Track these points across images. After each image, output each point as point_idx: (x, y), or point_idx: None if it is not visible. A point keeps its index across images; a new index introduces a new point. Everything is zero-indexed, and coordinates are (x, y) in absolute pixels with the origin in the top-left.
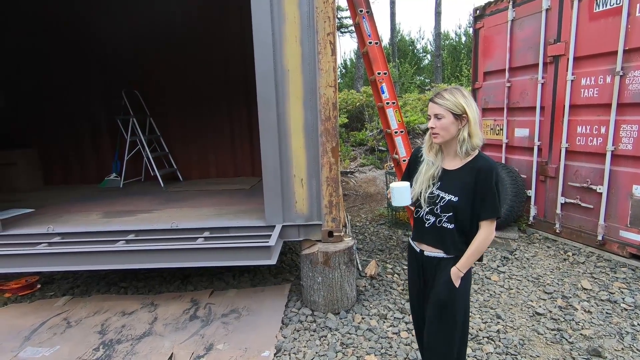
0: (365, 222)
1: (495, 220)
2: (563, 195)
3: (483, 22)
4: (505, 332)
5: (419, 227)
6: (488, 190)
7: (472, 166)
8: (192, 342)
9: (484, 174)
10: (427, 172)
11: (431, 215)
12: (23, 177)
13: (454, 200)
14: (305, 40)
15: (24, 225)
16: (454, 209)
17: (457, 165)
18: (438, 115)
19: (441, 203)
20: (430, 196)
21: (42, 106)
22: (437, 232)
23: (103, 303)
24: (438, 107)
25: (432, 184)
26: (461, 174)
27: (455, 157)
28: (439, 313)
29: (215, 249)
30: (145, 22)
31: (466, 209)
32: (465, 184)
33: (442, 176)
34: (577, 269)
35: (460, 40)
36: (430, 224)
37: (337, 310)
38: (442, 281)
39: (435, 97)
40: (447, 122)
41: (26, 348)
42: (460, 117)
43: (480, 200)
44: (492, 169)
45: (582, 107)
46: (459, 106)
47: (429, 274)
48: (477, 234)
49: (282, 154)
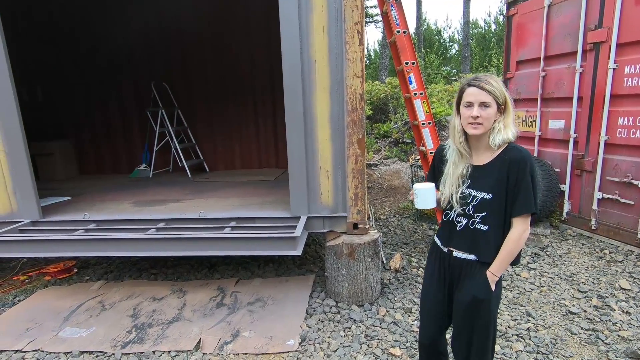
0: (389, 215)
1: (529, 216)
2: (600, 190)
3: (517, 9)
4: (536, 330)
5: (449, 230)
6: (521, 183)
7: (504, 158)
8: (219, 329)
9: (517, 165)
10: (456, 172)
11: (463, 217)
12: (60, 167)
13: (487, 197)
14: (333, 30)
15: (62, 212)
16: (488, 208)
17: (487, 159)
18: (485, 104)
19: (474, 202)
20: (461, 196)
21: (76, 99)
22: (469, 235)
23: (135, 288)
24: (486, 95)
25: (462, 182)
26: (493, 168)
27: (485, 151)
28: (472, 313)
29: (242, 238)
30: (173, 17)
31: (501, 206)
32: (499, 178)
33: (472, 173)
34: (615, 267)
35: (489, 28)
36: (462, 227)
37: (361, 302)
38: (477, 282)
39: (479, 82)
40: (492, 111)
41: (65, 328)
42: (500, 107)
43: (513, 194)
44: (527, 160)
45: (625, 97)
46: (502, 95)
47: (454, 275)
48: (510, 232)
49: (308, 146)
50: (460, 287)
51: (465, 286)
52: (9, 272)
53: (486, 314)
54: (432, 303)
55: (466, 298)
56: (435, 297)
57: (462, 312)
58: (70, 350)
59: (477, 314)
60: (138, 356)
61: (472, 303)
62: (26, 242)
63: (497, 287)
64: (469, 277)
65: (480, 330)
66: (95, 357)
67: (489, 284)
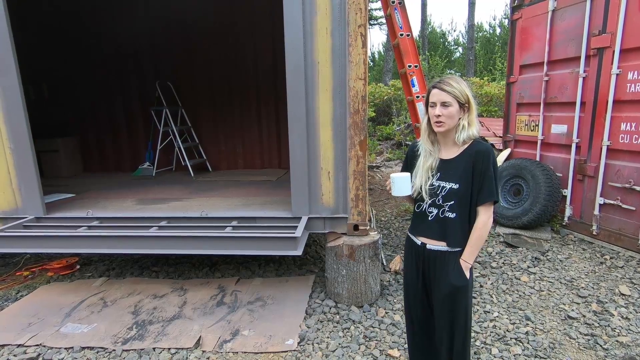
0: (390, 217)
1: (492, 204)
2: (602, 195)
3: (521, 13)
4: (535, 334)
5: (420, 221)
6: (486, 172)
7: (469, 152)
8: (219, 327)
9: (482, 156)
10: (425, 165)
11: (433, 207)
12: (65, 164)
13: (455, 187)
14: (336, 32)
15: (66, 209)
16: (455, 196)
17: (454, 153)
18: (446, 103)
19: (442, 193)
20: (430, 188)
21: (81, 97)
22: (440, 223)
23: (136, 285)
24: (446, 95)
25: (432, 175)
26: (460, 161)
27: (453, 146)
28: (452, 300)
29: (242, 237)
30: (179, 17)
31: (467, 195)
32: (465, 169)
33: (441, 166)
34: (615, 273)
35: (494, 32)
36: (433, 217)
37: (361, 303)
38: (452, 270)
39: (440, 84)
40: (453, 110)
41: (67, 324)
42: (463, 106)
43: (478, 183)
44: (490, 151)
45: (628, 103)
46: (464, 95)
47: (430, 268)
48: (476, 221)
49: (310, 147)
50: (437, 280)
51: (442, 278)
52: (12, 268)
53: (464, 298)
54: (412, 298)
55: (445, 288)
56: (415, 295)
57: (442, 301)
58: (71, 346)
59: (456, 301)
60: (138, 352)
61: (451, 291)
62: (30, 238)
63: (470, 273)
64: (444, 268)
65: (460, 316)
66: (96, 352)
67: (463, 271)
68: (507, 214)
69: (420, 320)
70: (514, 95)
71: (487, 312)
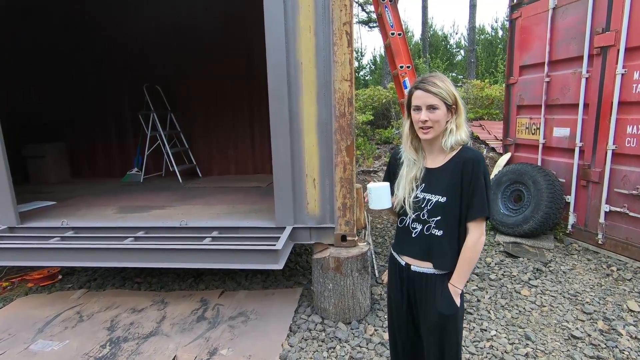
0: (386, 224)
1: (485, 220)
2: (608, 202)
3: (520, 12)
4: (535, 356)
5: (403, 237)
6: (476, 184)
7: (457, 160)
8: (197, 346)
9: (471, 165)
10: (409, 174)
11: (417, 222)
12: (52, 169)
13: (441, 200)
14: (320, 30)
15: (42, 218)
16: (442, 211)
17: (441, 162)
18: (433, 106)
19: (428, 207)
20: (415, 201)
21: (70, 101)
22: (425, 241)
23: (115, 298)
24: (432, 97)
25: (416, 186)
26: (447, 171)
27: (439, 154)
28: (441, 330)
29: (220, 250)
30: (171, 22)
31: (455, 209)
32: (452, 180)
33: (426, 177)
34: (623, 286)
35: (496, 34)
36: (417, 233)
37: (349, 319)
38: (440, 297)
39: (424, 84)
40: (441, 113)
41: (38, 341)
42: (451, 108)
43: (468, 196)
44: (480, 159)
45: (634, 105)
46: (451, 95)
47: (416, 291)
48: (466, 240)
49: (294, 152)
50: (424, 306)
51: (429, 305)
52: None
53: (454, 327)
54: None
55: (434, 318)
56: (399, 319)
57: (430, 331)
58: None
59: (446, 330)
60: None
61: (440, 321)
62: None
63: (460, 300)
64: (432, 293)
65: (450, 346)
66: None
67: (453, 298)
68: (508, 222)
69: (405, 344)
70: (513, 97)
71: (484, 330)
